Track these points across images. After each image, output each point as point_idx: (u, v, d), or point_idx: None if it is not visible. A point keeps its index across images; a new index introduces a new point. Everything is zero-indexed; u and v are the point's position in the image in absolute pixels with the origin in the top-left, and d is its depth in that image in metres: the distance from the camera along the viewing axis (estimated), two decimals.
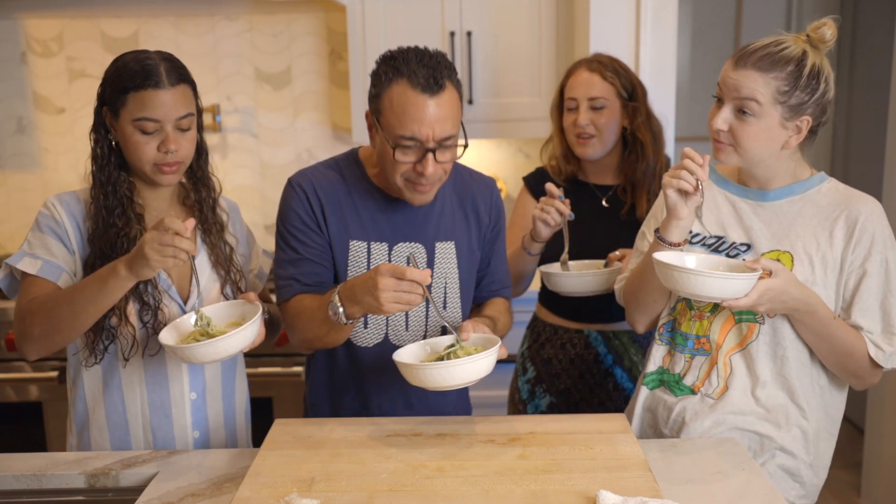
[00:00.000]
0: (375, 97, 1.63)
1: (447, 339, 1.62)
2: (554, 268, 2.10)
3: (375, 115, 1.64)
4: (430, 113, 1.57)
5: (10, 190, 3.42)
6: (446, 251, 1.78)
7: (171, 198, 1.76)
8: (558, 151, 2.26)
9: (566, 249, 2.08)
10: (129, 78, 1.60)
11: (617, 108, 2.16)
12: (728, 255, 1.69)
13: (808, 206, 1.67)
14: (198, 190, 1.77)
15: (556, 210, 2.01)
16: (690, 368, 1.73)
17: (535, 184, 2.31)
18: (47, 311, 1.59)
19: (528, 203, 2.31)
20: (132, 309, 1.67)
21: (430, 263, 1.76)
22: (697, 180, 1.60)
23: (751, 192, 1.72)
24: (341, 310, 1.56)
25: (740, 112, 1.60)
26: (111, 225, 1.65)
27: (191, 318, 1.66)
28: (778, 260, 1.64)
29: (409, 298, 1.48)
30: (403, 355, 1.58)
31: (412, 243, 1.76)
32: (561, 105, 2.23)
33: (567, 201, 2.03)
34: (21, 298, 1.66)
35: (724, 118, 1.62)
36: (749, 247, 1.69)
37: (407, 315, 1.76)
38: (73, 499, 1.58)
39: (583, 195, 2.23)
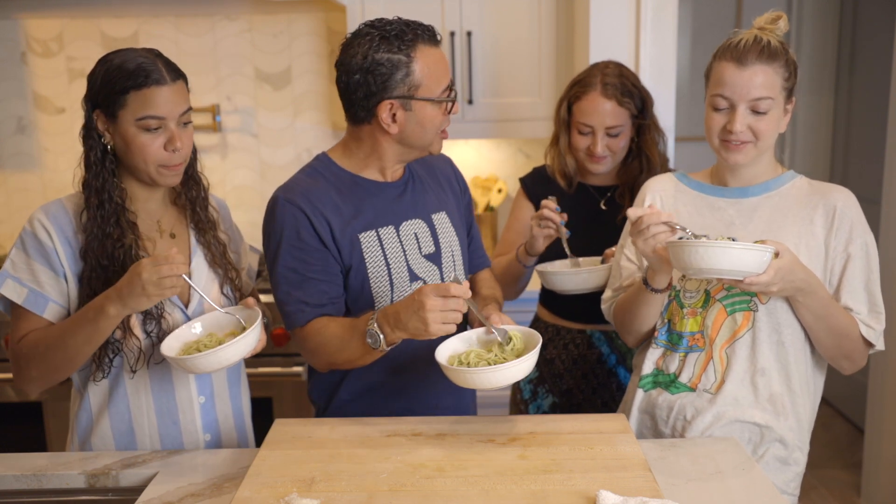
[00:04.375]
0: (404, 79, 1.61)
1: (481, 331, 1.63)
2: (550, 267, 2.11)
3: (410, 93, 1.63)
4: (445, 59, 1.69)
5: (10, 190, 3.42)
6: (443, 221, 1.82)
7: (164, 198, 1.74)
8: (567, 164, 2.22)
9: (569, 257, 2.09)
10: (128, 77, 1.57)
11: (629, 128, 2.14)
12: None
13: (785, 199, 1.72)
14: (189, 188, 1.74)
15: (553, 222, 2.03)
16: (685, 366, 1.74)
17: (531, 185, 2.31)
18: (41, 355, 1.59)
19: (524, 206, 2.30)
20: (136, 321, 1.64)
21: (434, 236, 1.78)
22: (671, 226, 1.59)
23: (729, 191, 1.76)
24: (382, 337, 1.54)
25: (755, 112, 1.63)
26: (107, 235, 1.61)
27: (192, 328, 1.65)
28: None
29: (454, 317, 1.48)
30: (444, 353, 1.58)
31: (415, 220, 1.77)
32: (569, 120, 2.18)
33: (564, 215, 2.05)
34: (13, 333, 1.64)
35: (743, 122, 1.63)
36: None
37: None
38: (73, 499, 1.58)
39: (581, 197, 2.23)
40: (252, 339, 1.57)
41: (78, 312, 1.58)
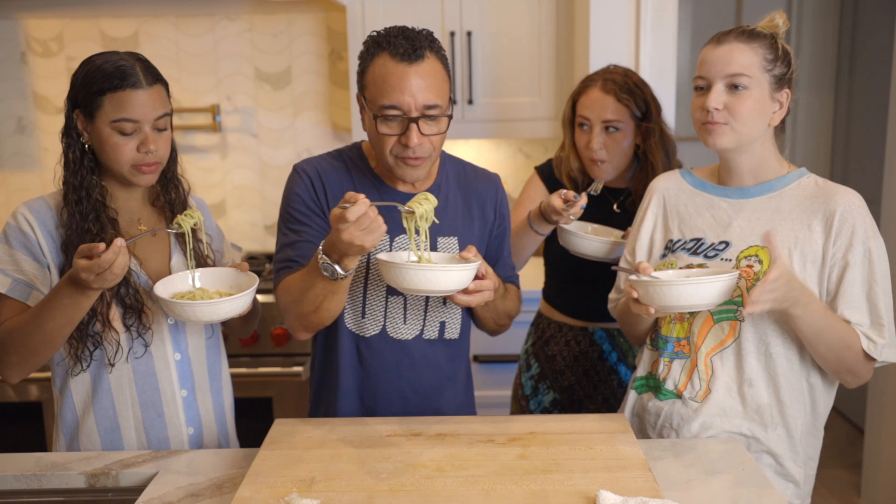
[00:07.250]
0: (361, 74, 1.66)
1: (440, 254, 1.68)
2: (573, 226, 2.10)
3: (362, 92, 1.67)
4: (410, 82, 1.58)
5: (10, 190, 3.42)
6: (449, 246, 1.78)
7: (143, 199, 1.76)
8: (572, 165, 2.23)
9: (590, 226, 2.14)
10: (105, 79, 1.59)
11: (630, 129, 2.13)
12: (706, 256, 1.69)
13: (787, 200, 1.67)
14: (168, 191, 1.76)
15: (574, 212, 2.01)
16: (670, 372, 1.72)
17: (547, 173, 2.29)
18: (19, 341, 1.59)
19: (538, 188, 2.28)
20: (116, 314, 1.66)
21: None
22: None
23: (730, 191, 1.72)
24: (336, 266, 1.52)
25: (733, 88, 1.61)
26: (86, 231, 1.63)
27: (186, 278, 1.68)
28: (756, 255, 1.64)
29: (369, 223, 1.44)
30: (387, 256, 1.62)
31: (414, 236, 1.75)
32: (573, 118, 2.20)
33: (583, 198, 2.03)
34: None
35: (717, 98, 1.61)
36: (727, 244, 1.67)
37: (405, 307, 1.75)
38: (73, 499, 1.58)
39: (594, 198, 2.22)
40: (249, 299, 1.60)
41: (50, 296, 1.57)
